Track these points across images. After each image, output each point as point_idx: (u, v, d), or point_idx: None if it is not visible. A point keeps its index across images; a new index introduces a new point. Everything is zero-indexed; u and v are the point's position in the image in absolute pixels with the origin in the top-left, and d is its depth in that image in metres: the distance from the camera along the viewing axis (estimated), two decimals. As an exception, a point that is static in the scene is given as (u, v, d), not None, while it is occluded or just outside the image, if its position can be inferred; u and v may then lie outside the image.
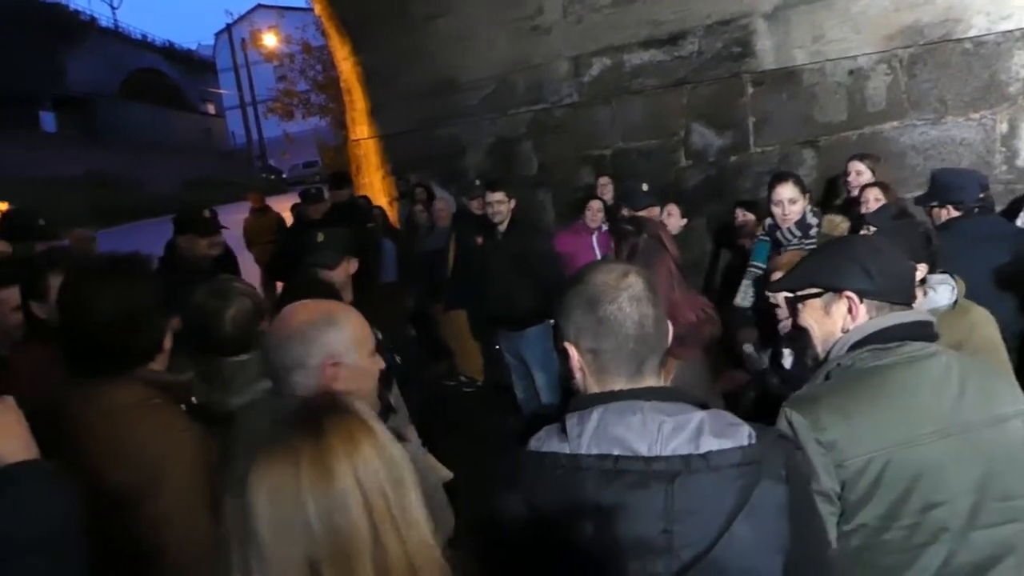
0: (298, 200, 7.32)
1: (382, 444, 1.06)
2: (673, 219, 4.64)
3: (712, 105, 5.66)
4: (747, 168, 5.51)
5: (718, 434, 1.14)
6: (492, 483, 1.25)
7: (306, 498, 0.98)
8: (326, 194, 7.07)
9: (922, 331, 1.64)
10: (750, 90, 5.48)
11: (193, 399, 1.92)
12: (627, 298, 1.25)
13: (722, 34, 5.52)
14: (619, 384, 1.25)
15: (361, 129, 9.25)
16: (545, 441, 1.23)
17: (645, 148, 6.02)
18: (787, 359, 2.39)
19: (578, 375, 1.29)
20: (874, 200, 3.77)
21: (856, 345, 1.61)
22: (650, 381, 1.26)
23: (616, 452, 1.15)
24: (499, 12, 6.71)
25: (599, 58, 6.17)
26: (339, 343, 1.57)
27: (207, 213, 4.25)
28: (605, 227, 5.31)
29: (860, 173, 4.04)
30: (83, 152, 29.81)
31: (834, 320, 1.67)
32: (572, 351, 1.28)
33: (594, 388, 1.27)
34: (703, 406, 1.23)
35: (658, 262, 2.36)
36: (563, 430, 1.21)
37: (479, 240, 5.18)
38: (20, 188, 20.08)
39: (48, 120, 30.29)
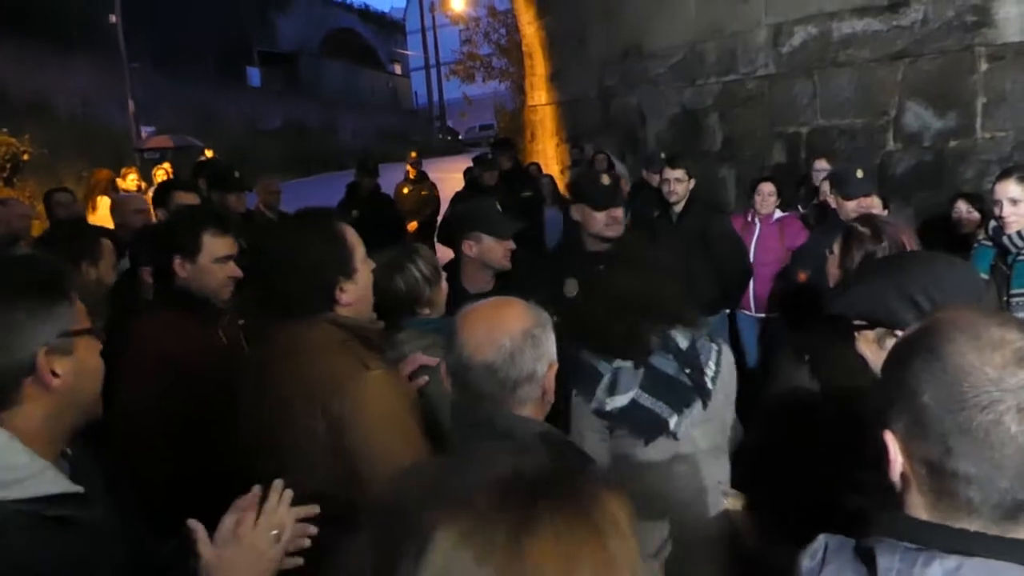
0: (471, 164, 7.41)
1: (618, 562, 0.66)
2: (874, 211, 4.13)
3: (934, 82, 4.99)
4: (971, 155, 4.83)
5: None
6: None
7: None
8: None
9: None
10: (984, 66, 4.77)
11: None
12: (1017, 408, 0.78)
13: (954, 1, 4.83)
14: (975, 523, 0.80)
15: (539, 95, 9.16)
16: (832, 568, 0.85)
17: (848, 127, 5.44)
18: None
19: (895, 478, 0.87)
20: None
21: None
22: None
23: None
24: (695, -25, 6.31)
25: (803, 26, 5.62)
26: (553, 345, 1.39)
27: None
28: (780, 214, 4.82)
29: None
30: (285, 104, 32.11)
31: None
32: (892, 446, 0.85)
33: (920, 511, 0.84)
34: None
35: None
36: (869, 561, 0.82)
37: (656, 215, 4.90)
38: (229, 136, 21.96)
39: (254, 75, 32.81)
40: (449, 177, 15.18)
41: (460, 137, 36.75)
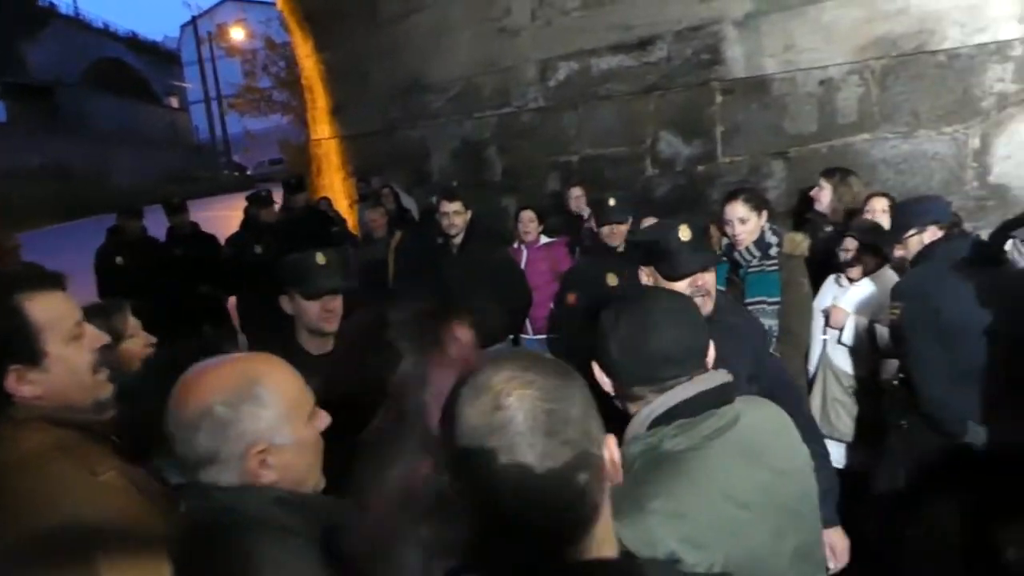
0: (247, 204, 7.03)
1: None
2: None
3: (681, 113, 5.51)
4: (716, 179, 5.37)
5: None
6: None
7: None
8: (276, 198, 6.82)
9: (725, 396, 1.44)
10: (719, 99, 5.33)
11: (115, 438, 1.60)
12: (495, 450, 0.84)
13: (692, 40, 5.37)
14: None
15: (322, 128, 8.99)
16: None
17: (614, 155, 5.85)
18: None
19: None
20: (881, 211, 3.64)
21: (659, 421, 1.39)
22: (598, 536, 0.88)
23: None
24: (466, 13, 6.52)
25: (567, 62, 5.99)
26: (265, 423, 1.19)
27: None
28: (546, 240, 5.06)
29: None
30: (43, 143, 28.94)
31: None
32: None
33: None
34: None
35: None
36: None
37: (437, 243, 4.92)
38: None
39: (-1, 109, 29.36)
40: (237, 216, 14.44)
41: (249, 173, 35.19)
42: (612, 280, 3.36)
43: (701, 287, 2.09)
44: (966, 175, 4.57)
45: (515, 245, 4.94)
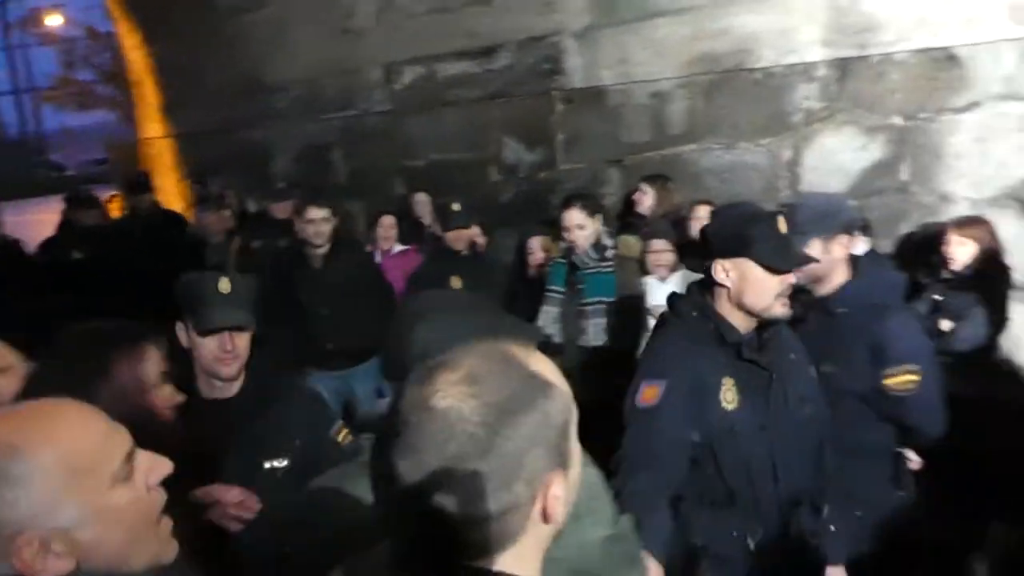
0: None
1: None
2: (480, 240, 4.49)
3: (523, 120, 5.65)
4: (556, 186, 5.54)
5: None
6: None
7: None
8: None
9: None
10: (559, 107, 5.52)
11: None
12: (397, 436, 0.77)
13: (533, 50, 5.52)
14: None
15: (154, 127, 8.46)
16: None
17: (460, 161, 5.91)
18: None
19: None
20: (705, 217, 3.87)
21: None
22: (505, 562, 0.79)
23: None
24: (308, 11, 6.36)
25: (412, 66, 5.98)
26: (28, 507, 0.92)
27: None
28: (399, 247, 4.94)
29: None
30: None
31: None
32: None
33: None
34: None
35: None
36: None
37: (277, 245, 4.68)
38: None
39: None
40: (54, 220, 13.34)
41: (70, 173, 32.30)
42: (456, 284, 3.40)
43: (791, 286, 1.91)
44: (779, 184, 4.99)
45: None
